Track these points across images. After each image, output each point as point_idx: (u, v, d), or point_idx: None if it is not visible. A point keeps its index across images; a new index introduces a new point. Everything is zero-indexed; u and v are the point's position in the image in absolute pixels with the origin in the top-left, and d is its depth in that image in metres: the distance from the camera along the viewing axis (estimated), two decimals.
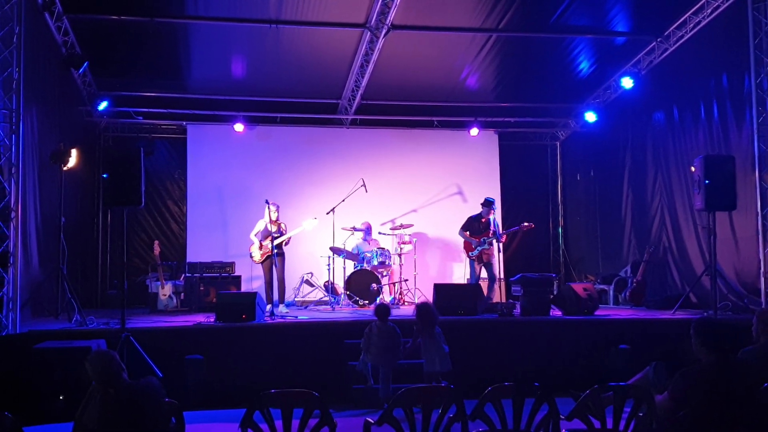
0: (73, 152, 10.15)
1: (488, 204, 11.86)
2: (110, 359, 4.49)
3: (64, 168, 10.05)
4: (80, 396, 4.87)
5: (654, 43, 11.76)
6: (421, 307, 7.83)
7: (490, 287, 11.60)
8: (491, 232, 11.72)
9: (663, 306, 10.96)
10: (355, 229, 12.93)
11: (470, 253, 11.82)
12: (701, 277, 10.43)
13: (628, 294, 12.02)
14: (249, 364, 8.43)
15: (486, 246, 11.63)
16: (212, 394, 7.96)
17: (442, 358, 7.47)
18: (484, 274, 11.81)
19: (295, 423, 4.56)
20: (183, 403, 4.74)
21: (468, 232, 11.88)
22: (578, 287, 10.32)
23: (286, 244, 11.18)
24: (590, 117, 14.08)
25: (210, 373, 8.12)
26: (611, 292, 12.56)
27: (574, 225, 15.79)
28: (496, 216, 11.87)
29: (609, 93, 13.71)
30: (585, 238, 15.28)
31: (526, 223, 12.13)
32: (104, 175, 8.13)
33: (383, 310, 7.81)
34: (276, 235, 10.85)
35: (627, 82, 12.37)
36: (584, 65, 12.95)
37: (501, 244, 11.62)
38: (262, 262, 11.11)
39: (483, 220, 11.86)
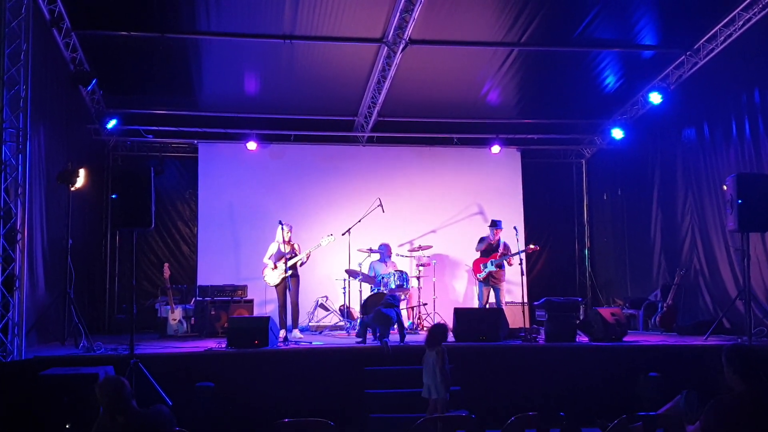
0: (81, 172, 10.21)
1: (493, 224, 12.14)
2: (121, 386, 4.54)
3: (72, 188, 10.10)
4: (87, 424, 4.91)
5: (683, 56, 11.77)
6: (434, 325, 8.07)
7: None
8: (499, 254, 11.85)
9: (695, 332, 10.85)
10: (371, 250, 12.96)
11: (478, 275, 12.07)
12: (735, 301, 10.36)
13: (658, 319, 11.94)
14: (262, 391, 8.44)
15: (493, 268, 11.76)
16: (223, 423, 7.98)
17: (435, 384, 7.39)
18: (491, 299, 11.94)
19: None
20: (193, 431, 4.77)
21: (479, 254, 12.13)
22: (606, 312, 10.27)
23: (302, 264, 11.22)
24: (617, 134, 14.08)
25: (221, 401, 8.14)
26: (640, 317, 12.48)
27: (601, 246, 15.72)
28: (519, 239, 11.87)
29: (636, 108, 13.71)
30: (612, 260, 15.21)
31: (531, 245, 12.37)
32: (113, 196, 8.24)
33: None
34: (290, 256, 10.90)
35: (655, 98, 12.39)
36: (610, 80, 12.97)
37: (522, 267, 11.62)
38: (276, 285, 11.15)
39: (491, 241, 12.02)
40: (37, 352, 8.53)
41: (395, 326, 9.61)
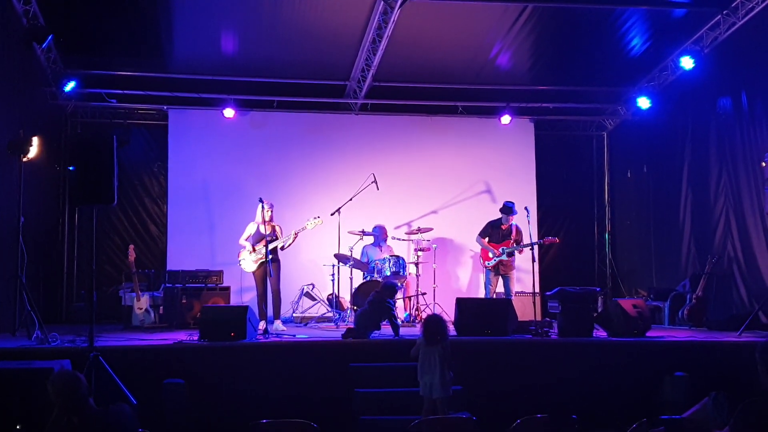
0: (35, 141, 10.18)
1: (507, 210, 12.16)
2: (76, 381, 4.55)
3: (24, 159, 10.06)
4: (41, 425, 4.92)
5: (719, 16, 11.72)
6: (428, 319, 7.94)
7: None
8: (512, 241, 11.93)
9: (727, 326, 10.90)
10: (364, 233, 12.97)
11: (486, 263, 12.17)
12: None
13: (686, 312, 11.99)
14: (238, 390, 8.45)
15: (504, 257, 11.91)
16: (194, 424, 8.00)
17: (441, 382, 7.42)
18: (500, 287, 12.00)
19: None
20: None
21: (487, 239, 12.10)
22: (627, 304, 10.29)
23: (284, 248, 11.22)
24: (643, 103, 14.06)
25: (192, 400, 8.15)
26: (666, 310, 12.54)
27: (624, 230, 15.76)
28: (531, 221, 11.91)
29: (666, 75, 13.68)
30: (636, 246, 15.25)
31: (549, 238, 12.51)
32: (71, 168, 8.14)
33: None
34: (270, 239, 10.89)
35: (687, 62, 12.35)
36: (637, 42, 12.93)
37: (533, 253, 11.67)
38: (254, 271, 11.15)
39: (503, 227, 12.09)
40: None
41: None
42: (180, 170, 14.28)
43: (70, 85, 12.70)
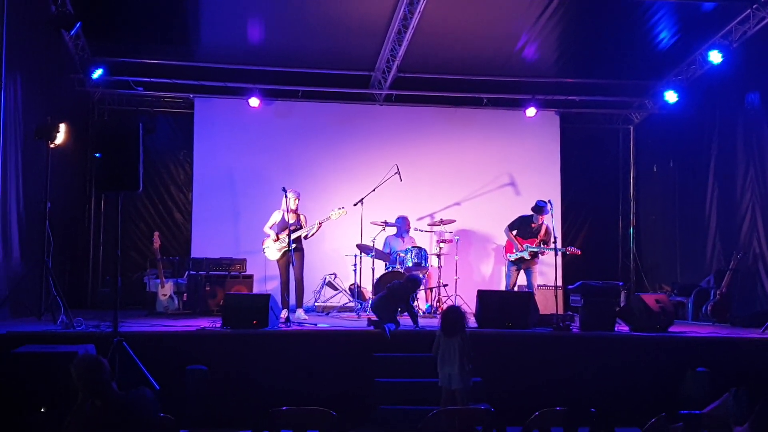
0: (62, 127, 10.23)
1: (538, 210, 12.18)
2: (99, 366, 4.59)
3: (52, 145, 10.13)
4: (64, 408, 4.98)
5: (749, 10, 11.61)
6: (446, 311, 7.98)
7: None
8: (539, 240, 11.96)
9: (751, 323, 10.86)
10: (386, 223, 12.97)
11: (508, 255, 12.22)
12: None
13: (709, 308, 11.93)
14: (259, 377, 8.52)
15: (526, 255, 12.01)
16: (215, 411, 8.08)
17: (461, 373, 7.43)
18: (522, 280, 12.01)
19: None
20: (181, 419, 4.83)
21: (515, 232, 12.12)
22: (650, 299, 10.26)
23: (308, 237, 11.25)
24: (671, 97, 13.98)
25: (214, 387, 8.23)
26: (690, 306, 12.48)
27: (649, 225, 15.68)
28: (554, 214, 11.88)
29: (694, 69, 13.58)
30: (661, 240, 15.17)
31: (572, 248, 12.57)
32: (97, 155, 8.20)
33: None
34: (295, 227, 10.92)
35: (715, 57, 12.27)
36: (665, 35, 12.84)
37: (556, 246, 11.68)
38: (278, 260, 11.19)
39: (533, 225, 12.11)
40: (10, 327, 8.65)
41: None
42: (205, 158, 14.33)
43: (97, 73, 12.80)
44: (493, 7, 11.94)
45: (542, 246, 12.07)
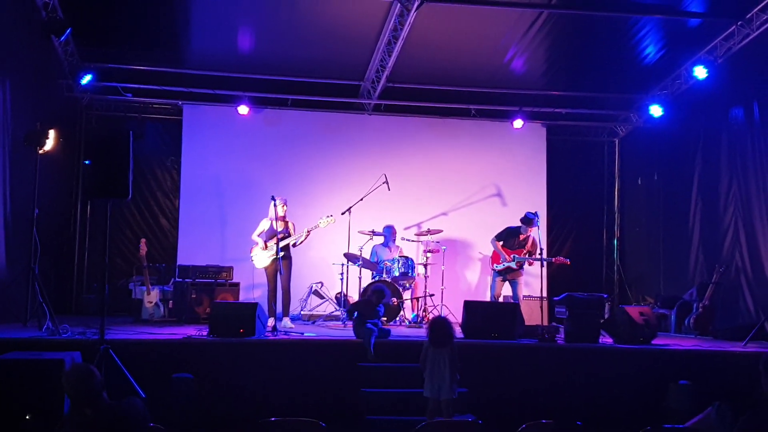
0: (51, 133, 10.21)
1: (527, 221, 12.17)
2: (90, 375, 4.60)
3: (40, 151, 10.12)
4: (50, 415, 4.97)
5: (734, 27, 11.71)
6: (434, 321, 7.99)
7: None
8: (525, 251, 12.00)
9: (733, 336, 10.90)
10: (374, 233, 13.00)
11: (494, 266, 12.24)
12: None
13: (692, 321, 11.99)
14: (246, 386, 8.52)
15: (514, 265, 12.04)
16: (202, 419, 8.05)
17: (448, 384, 7.44)
18: (507, 291, 12.09)
19: None
20: (169, 428, 4.84)
21: (501, 243, 12.17)
22: (634, 311, 10.31)
23: (296, 245, 11.23)
24: (655, 111, 14.07)
25: (201, 395, 8.20)
26: (673, 318, 12.54)
27: (633, 237, 15.76)
28: (540, 225, 11.96)
29: (678, 83, 13.68)
30: (645, 253, 15.25)
31: (560, 258, 12.59)
32: (86, 162, 8.21)
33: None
34: (283, 235, 10.91)
35: (700, 72, 12.35)
36: (650, 50, 12.94)
37: (542, 258, 11.77)
38: (266, 267, 11.16)
39: (521, 236, 12.16)
40: None
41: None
42: (193, 165, 14.31)
43: (86, 78, 12.77)
44: (483, 20, 11.99)
45: (528, 257, 12.13)
